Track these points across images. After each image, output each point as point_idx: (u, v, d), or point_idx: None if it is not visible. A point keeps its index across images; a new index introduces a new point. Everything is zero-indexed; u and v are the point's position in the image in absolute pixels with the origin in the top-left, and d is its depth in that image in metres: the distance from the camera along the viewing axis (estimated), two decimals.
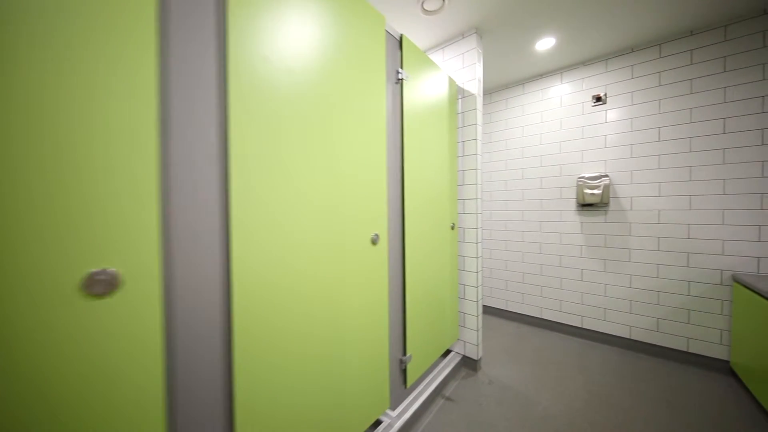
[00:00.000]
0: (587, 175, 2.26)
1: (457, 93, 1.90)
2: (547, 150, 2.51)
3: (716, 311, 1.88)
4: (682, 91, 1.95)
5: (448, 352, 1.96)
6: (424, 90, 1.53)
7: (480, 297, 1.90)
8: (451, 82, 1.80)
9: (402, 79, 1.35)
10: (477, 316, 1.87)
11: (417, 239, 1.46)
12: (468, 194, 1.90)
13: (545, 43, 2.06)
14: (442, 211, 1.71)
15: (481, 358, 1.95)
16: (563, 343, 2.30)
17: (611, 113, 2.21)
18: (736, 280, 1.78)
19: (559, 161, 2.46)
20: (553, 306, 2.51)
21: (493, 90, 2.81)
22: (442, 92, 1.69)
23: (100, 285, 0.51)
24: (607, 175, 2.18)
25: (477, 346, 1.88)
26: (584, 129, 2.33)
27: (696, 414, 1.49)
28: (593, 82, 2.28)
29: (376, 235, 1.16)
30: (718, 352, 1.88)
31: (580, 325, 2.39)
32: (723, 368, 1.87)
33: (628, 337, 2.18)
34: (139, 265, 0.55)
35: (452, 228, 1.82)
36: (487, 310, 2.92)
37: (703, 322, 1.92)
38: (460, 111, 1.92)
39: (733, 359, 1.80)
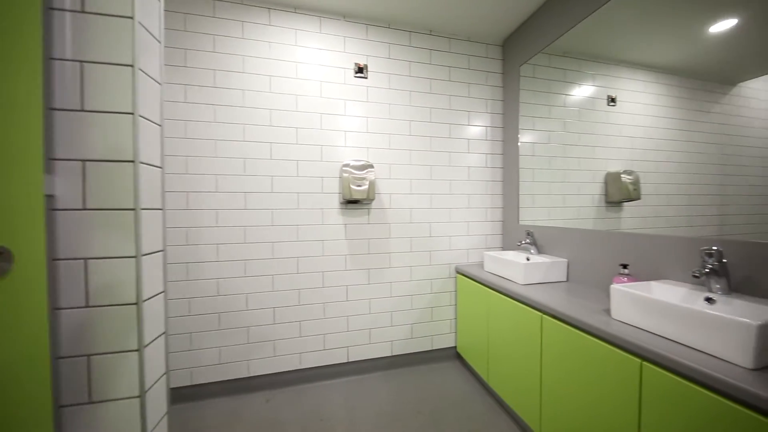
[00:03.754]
0: (353, 164, 1.74)
1: None
2: (305, 121, 1.74)
3: (447, 303, 2.02)
4: (425, 88, 1.93)
5: None
6: None
7: None
8: None
9: None
10: None
11: None
12: (107, 146, 0.59)
13: None
14: None
15: None
16: (330, 400, 1.60)
17: (372, 92, 1.84)
18: (458, 271, 1.97)
19: (319, 140, 1.76)
20: (316, 345, 1.77)
21: None
22: None
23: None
24: (372, 166, 1.77)
25: None
26: (347, 103, 1.80)
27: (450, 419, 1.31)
28: (355, 46, 1.81)
29: None
30: (449, 341, 2.02)
31: (346, 360, 1.82)
32: (453, 354, 2.04)
33: (390, 354, 1.90)
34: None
35: None
36: (215, 391, 1.62)
37: (440, 316, 2.00)
38: None
39: (458, 343, 1.98)
